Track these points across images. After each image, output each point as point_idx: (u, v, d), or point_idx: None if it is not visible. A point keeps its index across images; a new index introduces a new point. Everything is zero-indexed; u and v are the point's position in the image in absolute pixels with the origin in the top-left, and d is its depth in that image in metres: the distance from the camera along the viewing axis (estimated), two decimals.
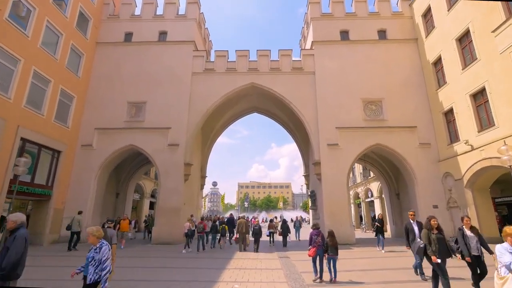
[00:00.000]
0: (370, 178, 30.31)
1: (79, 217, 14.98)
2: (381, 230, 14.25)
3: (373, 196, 29.86)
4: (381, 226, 14.51)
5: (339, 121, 19.09)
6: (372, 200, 30.49)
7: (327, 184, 17.97)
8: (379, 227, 14.49)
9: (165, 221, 17.44)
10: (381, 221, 14.83)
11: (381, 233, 14.16)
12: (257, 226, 15.59)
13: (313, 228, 8.44)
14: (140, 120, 19.52)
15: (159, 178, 18.50)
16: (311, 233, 8.22)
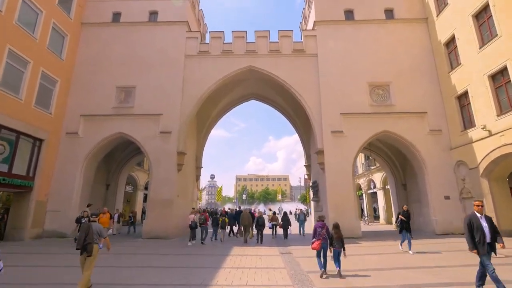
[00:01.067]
0: (373, 169, 29.17)
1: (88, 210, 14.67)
2: (407, 226, 11.28)
3: (376, 188, 28.77)
4: (408, 220, 11.39)
5: (343, 106, 17.78)
6: (374, 191, 29.41)
7: (331, 174, 16.75)
8: (404, 222, 11.37)
9: (157, 214, 16.19)
10: (407, 214, 11.61)
11: (408, 230, 11.22)
12: (261, 218, 15.27)
13: (318, 220, 8.03)
14: (129, 106, 18.10)
15: (150, 168, 17.19)
16: (316, 225, 7.82)
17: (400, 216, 11.70)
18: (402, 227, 11.44)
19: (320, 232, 7.56)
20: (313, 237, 7.75)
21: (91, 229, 6.00)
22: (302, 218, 18.28)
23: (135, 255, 11.01)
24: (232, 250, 12.10)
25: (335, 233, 7.61)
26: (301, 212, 19.59)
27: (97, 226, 6.26)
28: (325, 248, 7.53)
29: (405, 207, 12.34)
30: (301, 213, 18.85)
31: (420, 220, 17.38)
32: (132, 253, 11.64)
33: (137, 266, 8.97)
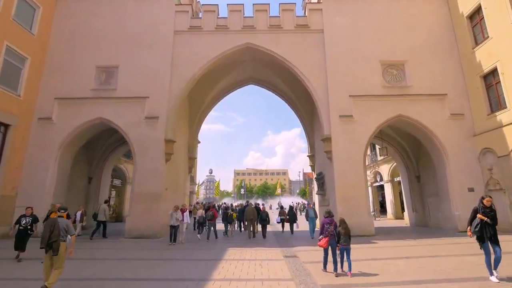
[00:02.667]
0: (379, 160, 27.23)
1: (105, 206, 14.82)
2: (493, 233, 6.11)
3: (383, 180, 26.87)
4: (494, 223, 6.21)
5: (353, 88, 15.74)
6: (381, 184, 27.51)
7: (340, 164, 14.78)
8: (488, 226, 6.15)
9: (142, 209, 14.19)
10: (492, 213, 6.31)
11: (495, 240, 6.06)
12: (264, 213, 14.94)
13: (326, 216, 7.54)
14: (111, 88, 15.97)
15: (134, 157, 15.13)
16: (323, 221, 7.37)
17: (481, 215, 6.31)
18: (484, 234, 6.13)
19: (328, 228, 7.11)
20: (320, 233, 7.32)
21: (56, 225, 5.54)
22: (312, 214, 14.50)
23: (103, 262, 9.02)
24: (226, 253, 10.14)
25: (342, 228, 7.11)
26: (310, 207, 15.21)
27: (64, 222, 5.77)
28: (333, 245, 7.07)
29: (488, 199, 6.48)
30: (309, 208, 14.94)
31: (439, 216, 15.47)
32: (101, 258, 9.63)
33: (97, 278, 6.98)
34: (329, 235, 7.04)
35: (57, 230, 5.47)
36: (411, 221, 19.06)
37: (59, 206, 6.47)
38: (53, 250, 5.40)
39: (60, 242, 5.47)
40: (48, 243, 5.42)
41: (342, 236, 6.99)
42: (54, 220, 5.67)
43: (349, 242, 6.99)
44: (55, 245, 5.41)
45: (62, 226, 5.62)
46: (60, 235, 5.52)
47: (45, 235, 5.46)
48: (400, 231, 16.22)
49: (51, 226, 5.56)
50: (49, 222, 5.66)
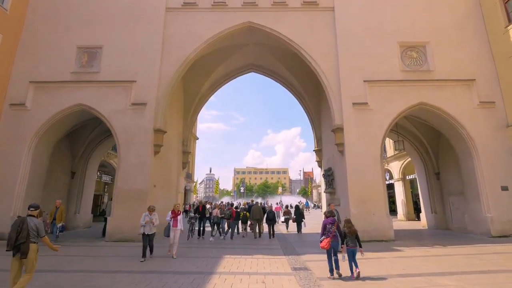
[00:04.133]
0: (389, 157, 25.33)
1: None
2: None
3: (394, 178, 24.97)
4: None
5: (368, 72, 13.88)
6: (391, 183, 25.60)
7: (353, 158, 12.91)
8: None
9: (126, 209, 12.34)
10: None
11: None
12: (271, 212, 14.45)
13: (327, 216, 7.10)
14: (93, 71, 14.11)
15: (118, 149, 13.26)
16: (325, 222, 6.93)
17: None
18: None
19: (330, 229, 6.72)
20: (321, 234, 6.83)
21: (25, 225, 4.98)
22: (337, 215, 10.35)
23: (58, 274, 7.16)
24: (221, 263, 8.27)
25: (348, 227, 6.76)
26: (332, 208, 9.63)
27: (35, 222, 5.18)
28: (335, 247, 6.65)
29: None
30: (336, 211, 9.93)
31: (465, 218, 13.57)
32: (60, 270, 7.76)
33: None
34: (331, 235, 6.57)
35: (26, 231, 4.91)
36: (429, 224, 17.17)
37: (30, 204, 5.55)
38: (21, 253, 4.87)
39: (29, 244, 4.92)
40: (15, 245, 4.89)
41: (348, 236, 6.62)
42: (22, 220, 5.08)
43: (355, 243, 6.60)
44: (23, 247, 4.87)
45: (32, 226, 5.05)
46: (30, 236, 4.95)
47: (11, 236, 4.94)
48: (420, 235, 14.36)
49: (18, 226, 5.00)
50: (17, 222, 5.09)
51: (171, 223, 9.18)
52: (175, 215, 9.30)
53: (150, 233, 8.71)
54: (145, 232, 8.64)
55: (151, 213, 8.84)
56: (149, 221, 8.62)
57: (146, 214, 8.81)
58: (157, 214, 8.96)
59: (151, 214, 8.80)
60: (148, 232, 8.66)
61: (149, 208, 8.96)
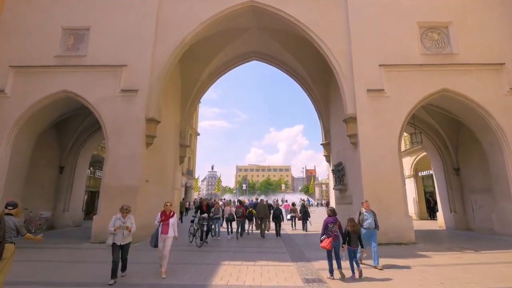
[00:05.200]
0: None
1: None
2: None
3: (405, 175, 23.46)
4: None
5: (384, 56, 12.47)
6: None
7: (368, 151, 11.53)
8: None
9: (114, 207, 10.74)
10: None
11: None
12: (278, 210, 13.85)
13: (329, 215, 6.69)
14: (80, 54, 12.80)
15: (107, 141, 11.95)
16: (326, 221, 6.58)
17: None
18: None
19: (332, 228, 6.43)
20: (322, 234, 6.55)
21: (2, 225, 4.61)
22: (371, 222, 7.53)
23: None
24: (217, 273, 6.95)
25: (351, 226, 6.55)
26: (366, 207, 7.79)
27: (14, 221, 4.88)
28: (336, 247, 6.40)
29: None
30: (367, 211, 7.70)
31: (494, 218, 12.16)
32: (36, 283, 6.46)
33: None
34: (333, 235, 6.37)
35: (2, 231, 4.62)
36: (447, 223, 15.75)
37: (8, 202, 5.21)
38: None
39: (5, 245, 4.64)
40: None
41: (351, 236, 6.48)
42: None
43: (358, 243, 6.54)
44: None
45: (11, 225, 4.82)
46: (7, 236, 4.70)
47: None
48: (441, 236, 13.02)
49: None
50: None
51: (160, 229, 6.88)
52: (166, 218, 6.95)
53: (124, 244, 6.26)
54: (116, 242, 6.17)
55: (124, 215, 6.41)
56: (121, 227, 6.19)
57: (118, 217, 6.37)
58: (133, 217, 6.58)
59: (124, 217, 6.39)
60: (120, 242, 6.19)
61: (121, 209, 6.46)
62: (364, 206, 7.79)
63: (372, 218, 7.52)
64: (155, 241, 6.87)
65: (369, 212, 7.65)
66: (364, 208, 7.76)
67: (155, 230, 6.99)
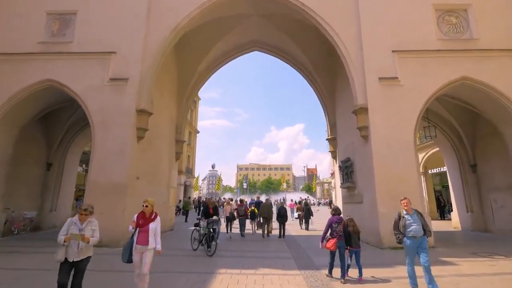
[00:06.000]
0: None
1: None
2: None
3: None
4: None
5: (397, 41, 11.39)
6: None
7: (380, 144, 10.46)
8: None
9: (100, 206, 9.89)
10: None
11: None
12: (283, 209, 13.19)
13: (333, 214, 6.46)
14: (66, 41, 11.77)
15: (93, 134, 10.91)
16: (330, 220, 6.35)
17: None
18: None
19: (336, 228, 6.20)
20: (325, 233, 6.34)
21: None
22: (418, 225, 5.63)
23: None
24: (211, 284, 5.91)
25: (351, 226, 6.31)
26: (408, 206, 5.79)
27: None
28: (341, 247, 6.12)
29: None
30: (411, 212, 5.74)
31: None
32: None
33: None
34: (338, 236, 6.18)
35: None
36: (462, 224, 14.68)
37: None
38: None
39: None
40: None
41: (352, 237, 6.25)
42: None
43: (359, 244, 6.29)
44: None
45: None
46: None
47: None
48: (459, 238, 12.00)
49: None
50: None
51: (134, 238, 4.86)
52: (145, 222, 4.94)
53: (78, 260, 4.37)
54: (68, 257, 4.31)
55: (84, 218, 4.51)
56: (76, 237, 4.26)
57: (73, 220, 4.54)
58: (96, 221, 4.70)
59: (83, 221, 4.48)
60: (74, 258, 4.33)
61: (80, 209, 4.57)
62: (403, 206, 5.71)
63: (419, 222, 5.47)
64: (128, 256, 4.81)
65: (413, 214, 5.61)
66: (404, 209, 5.69)
67: (128, 239, 4.94)
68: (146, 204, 5.05)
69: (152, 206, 5.11)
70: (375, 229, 10.00)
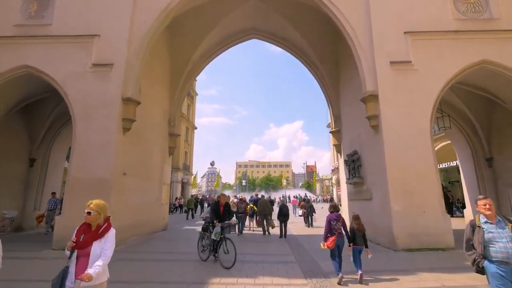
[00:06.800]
0: None
1: None
2: None
3: None
4: None
5: (410, 21, 10.34)
6: None
7: (393, 135, 9.45)
8: None
9: (82, 205, 8.91)
10: None
11: None
12: (285, 207, 12.59)
13: (331, 211, 6.23)
14: (44, 23, 10.67)
15: (74, 125, 9.85)
16: (329, 218, 6.09)
17: None
18: None
19: (335, 226, 5.94)
20: (325, 232, 6.03)
21: None
22: None
23: None
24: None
25: (357, 224, 6.01)
26: None
27: None
28: (340, 246, 5.92)
29: None
30: None
31: None
32: None
33: None
34: (337, 233, 5.88)
35: None
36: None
37: None
38: None
39: None
40: None
41: (356, 234, 5.94)
42: None
43: (363, 242, 5.94)
44: None
45: None
46: None
47: None
48: None
49: None
50: None
51: (70, 267, 3.02)
52: (86, 240, 3.14)
53: None
54: None
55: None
56: None
57: None
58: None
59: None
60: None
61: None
62: (482, 211, 3.48)
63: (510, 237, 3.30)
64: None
65: (500, 223, 3.42)
66: (483, 214, 3.50)
67: (60, 271, 3.04)
68: (89, 209, 3.22)
69: (101, 213, 3.25)
70: (387, 229, 9.00)
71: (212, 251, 7.36)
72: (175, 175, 36.06)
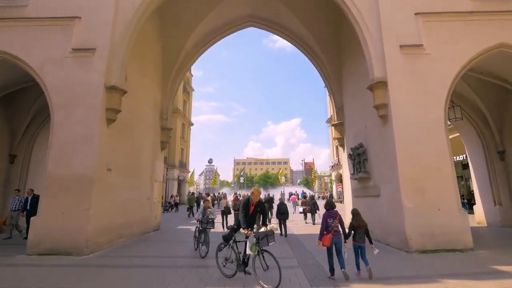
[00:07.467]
0: None
1: None
2: None
3: None
4: None
5: (421, 2, 9.50)
6: None
7: (404, 125, 8.60)
8: None
9: (60, 204, 8.11)
10: None
11: None
12: (283, 206, 12.11)
13: (327, 209, 5.99)
14: (20, 4, 9.69)
15: (52, 117, 8.94)
16: (325, 215, 5.85)
17: None
18: None
19: (332, 223, 5.73)
20: (322, 229, 5.80)
21: None
22: None
23: None
24: None
25: (356, 220, 5.81)
26: None
27: None
28: (338, 243, 5.69)
29: None
30: None
31: None
32: None
33: None
34: (333, 231, 5.64)
35: None
36: (488, 219, 12.91)
37: None
38: None
39: None
40: None
41: (357, 231, 5.74)
42: None
43: (364, 239, 5.72)
44: None
45: None
46: None
47: None
48: (497, 237, 10.25)
49: None
50: None
51: None
52: None
53: None
54: None
55: None
56: None
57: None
58: None
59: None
60: None
61: None
62: None
63: None
64: None
65: None
66: None
67: None
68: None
69: None
70: (398, 228, 8.19)
71: (242, 266, 5.62)
72: (171, 173, 35.19)
